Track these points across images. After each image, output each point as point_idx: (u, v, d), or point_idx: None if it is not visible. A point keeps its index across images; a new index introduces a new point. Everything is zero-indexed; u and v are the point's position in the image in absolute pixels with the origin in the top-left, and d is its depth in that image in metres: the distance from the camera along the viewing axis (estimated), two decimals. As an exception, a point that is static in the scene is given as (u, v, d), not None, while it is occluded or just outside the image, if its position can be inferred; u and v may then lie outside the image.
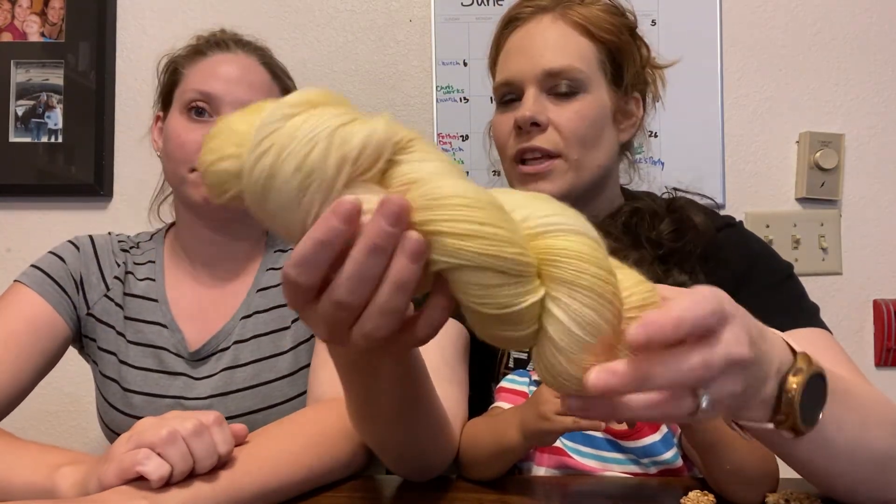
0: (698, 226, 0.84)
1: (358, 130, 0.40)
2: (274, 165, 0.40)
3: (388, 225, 0.39)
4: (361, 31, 1.37)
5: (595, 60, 0.89)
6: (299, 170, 0.39)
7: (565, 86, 0.87)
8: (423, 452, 0.72)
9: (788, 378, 0.49)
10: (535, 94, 0.88)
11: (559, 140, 0.87)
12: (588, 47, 0.89)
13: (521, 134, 0.89)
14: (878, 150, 1.36)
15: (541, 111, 0.87)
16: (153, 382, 0.94)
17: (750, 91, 1.36)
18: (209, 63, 0.97)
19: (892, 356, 1.34)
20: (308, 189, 0.40)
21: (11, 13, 1.36)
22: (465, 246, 0.40)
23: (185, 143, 0.93)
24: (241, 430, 0.67)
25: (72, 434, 1.37)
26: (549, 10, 0.90)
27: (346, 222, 0.40)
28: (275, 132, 0.40)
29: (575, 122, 0.87)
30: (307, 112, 0.41)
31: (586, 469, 0.79)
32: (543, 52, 0.88)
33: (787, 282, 0.88)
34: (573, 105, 0.88)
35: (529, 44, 0.90)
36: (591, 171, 0.90)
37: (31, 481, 0.66)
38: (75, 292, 0.96)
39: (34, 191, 1.35)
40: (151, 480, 0.58)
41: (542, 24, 0.90)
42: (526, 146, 0.88)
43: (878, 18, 1.36)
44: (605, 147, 0.91)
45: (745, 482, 0.66)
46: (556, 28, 0.89)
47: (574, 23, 0.89)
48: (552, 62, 0.87)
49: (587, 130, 0.88)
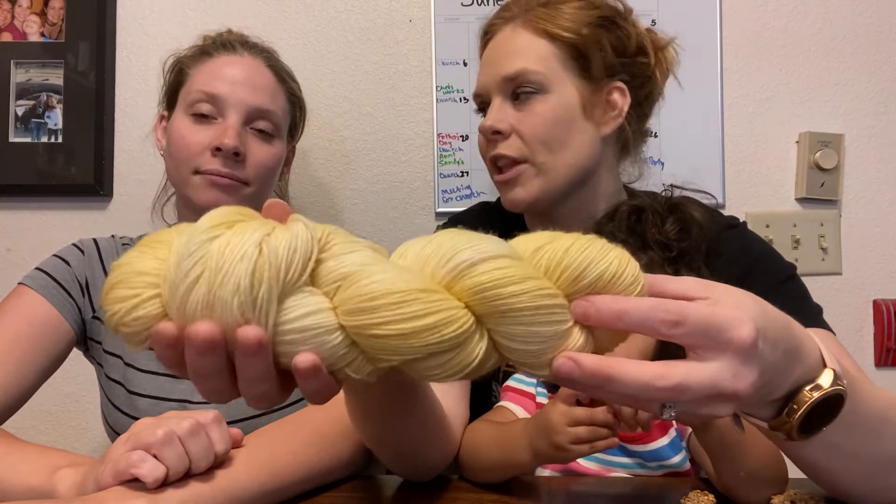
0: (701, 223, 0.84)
1: (283, 238, 0.40)
2: (210, 292, 0.38)
3: (247, 357, 0.40)
4: (361, 31, 1.37)
5: (555, 58, 0.89)
6: (238, 293, 0.38)
7: (523, 90, 0.89)
8: (421, 451, 0.72)
9: (803, 391, 0.48)
10: (499, 102, 0.91)
11: (522, 146, 0.89)
12: (545, 47, 0.89)
13: (489, 143, 0.92)
14: (878, 150, 1.36)
15: (501, 119, 0.89)
16: (158, 385, 0.94)
17: (750, 91, 1.36)
18: (214, 64, 0.97)
19: (892, 356, 1.34)
20: (249, 310, 0.39)
21: (11, 13, 1.36)
22: (408, 344, 0.41)
23: (189, 144, 0.93)
24: (238, 435, 0.67)
25: (72, 434, 1.37)
26: (513, 19, 0.92)
27: (254, 355, 0.40)
28: (201, 259, 0.39)
29: (536, 126, 0.88)
30: (227, 231, 0.40)
31: (592, 472, 0.79)
32: (502, 60, 0.90)
33: (790, 283, 0.88)
34: (534, 108, 0.89)
35: (494, 54, 0.93)
36: (564, 172, 0.89)
37: (30, 483, 0.66)
38: (80, 295, 0.95)
39: (34, 191, 1.35)
40: (147, 483, 0.58)
41: (505, 34, 0.92)
42: (494, 153, 0.91)
43: (878, 18, 1.36)
44: (577, 145, 0.90)
45: (756, 486, 0.66)
46: (515, 35, 0.91)
47: (532, 26, 0.90)
48: (507, 68, 0.89)
49: (550, 132, 0.88)
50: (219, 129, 0.93)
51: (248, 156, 0.94)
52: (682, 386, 0.42)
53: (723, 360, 0.42)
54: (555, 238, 0.45)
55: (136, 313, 0.40)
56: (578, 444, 0.65)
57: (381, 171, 1.37)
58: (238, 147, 0.92)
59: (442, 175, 1.35)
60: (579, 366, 0.42)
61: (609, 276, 0.43)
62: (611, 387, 0.42)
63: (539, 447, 0.68)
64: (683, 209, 0.83)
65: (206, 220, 0.41)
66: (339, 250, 0.42)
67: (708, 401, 0.43)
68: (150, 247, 0.42)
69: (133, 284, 0.40)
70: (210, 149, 0.92)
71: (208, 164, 0.92)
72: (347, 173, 1.37)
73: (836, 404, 0.50)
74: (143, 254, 0.42)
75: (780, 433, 0.49)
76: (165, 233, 0.43)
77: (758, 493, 0.66)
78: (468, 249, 0.42)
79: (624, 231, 0.78)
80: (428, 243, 0.44)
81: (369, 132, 1.37)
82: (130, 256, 0.42)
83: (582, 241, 0.44)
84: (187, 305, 0.39)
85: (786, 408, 0.48)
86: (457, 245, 0.43)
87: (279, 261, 0.39)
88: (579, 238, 0.45)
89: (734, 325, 0.42)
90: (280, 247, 0.39)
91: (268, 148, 0.97)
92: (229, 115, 0.93)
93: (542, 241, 0.45)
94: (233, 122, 0.93)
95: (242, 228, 0.40)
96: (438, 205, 1.35)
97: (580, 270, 0.43)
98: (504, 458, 0.73)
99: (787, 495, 0.66)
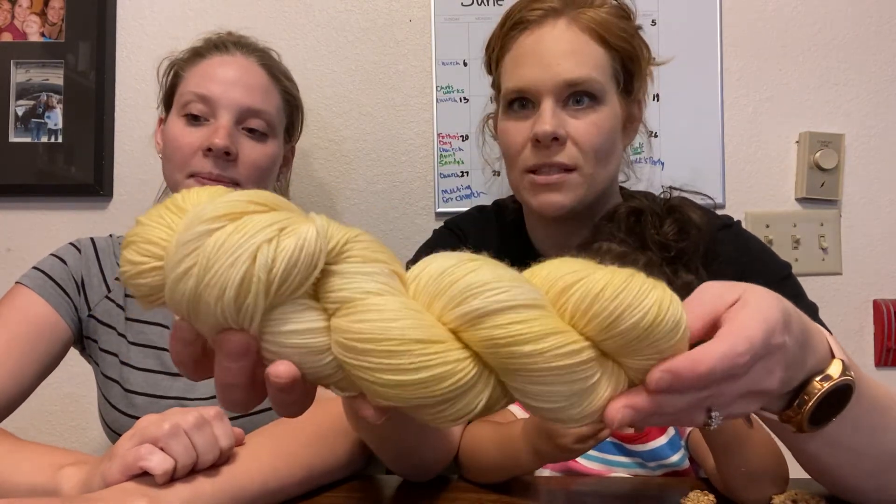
0: (699, 224, 0.84)
1: (285, 246, 0.37)
2: (196, 291, 0.37)
3: (230, 362, 0.39)
4: (361, 31, 1.37)
5: (609, 69, 0.87)
6: (221, 299, 0.36)
7: (584, 97, 0.85)
8: (421, 451, 0.72)
9: (813, 382, 0.48)
10: (551, 106, 0.85)
11: (577, 154, 0.85)
12: (603, 56, 0.87)
13: (538, 147, 0.86)
14: (878, 150, 1.36)
15: (560, 125, 0.84)
16: (155, 383, 0.94)
17: (750, 91, 1.36)
18: (207, 65, 0.97)
19: (892, 356, 1.34)
20: (232, 317, 0.37)
21: (11, 13, 1.36)
22: (396, 394, 0.38)
23: (182, 146, 0.93)
24: (239, 434, 0.67)
25: (71, 433, 1.37)
26: (561, 14, 0.87)
27: (237, 359, 0.39)
28: (195, 251, 0.37)
29: (593, 136, 0.85)
30: (230, 225, 0.37)
31: (592, 472, 0.79)
32: (561, 61, 0.84)
33: (785, 281, 0.88)
34: (590, 117, 0.85)
35: (544, 50, 0.86)
36: (602, 185, 0.89)
37: (34, 482, 0.66)
38: (76, 294, 0.96)
39: (34, 191, 1.35)
40: (156, 475, 0.58)
41: (557, 30, 0.86)
42: (545, 162, 0.85)
43: (878, 18, 1.36)
44: (615, 158, 0.90)
45: (757, 484, 0.66)
46: (571, 34, 0.86)
47: (588, 28, 0.86)
48: (571, 73, 0.84)
49: (603, 144, 0.86)
50: (210, 130, 0.93)
51: (240, 156, 0.94)
52: (720, 391, 0.42)
53: (761, 362, 0.43)
54: (585, 275, 0.40)
55: (140, 280, 0.39)
56: (583, 443, 0.65)
57: (381, 171, 1.37)
58: (229, 147, 0.92)
59: (442, 175, 1.35)
60: (637, 411, 0.40)
61: (646, 325, 0.38)
62: (662, 411, 0.41)
63: (542, 449, 0.68)
64: (682, 211, 0.83)
65: (212, 207, 0.38)
66: (350, 267, 0.39)
67: (742, 400, 0.43)
68: (169, 210, 0.40)
69: (141, 251, 0.39)
70: (202, 150, 0.92)
71: (200, 166, 0.92)
72: (347, 173, 1.37)
73: (845, 395, 0.50)
74: (160, 218, 0.40)
75: (790, 425, 0.49)
76: (189, 196, 0.41)
77: (758, 492, 0.66)
78: (482, 295, 0.38)
79: (623, 232, 0.78)
80: (443, 273, 0.40)
81: (369, 132, 1.37)
82: (150, 216, 0.41)
83: (616, 284, 0.39)
84: (175, 294, 0.38)
85: (796, 400, 0.48)
86: (471, 286, 0.38)
87: (273, 275, 0.36)
88: (614, 277, 0.39)
89: (775, 329, 0.43)
90: (279, 258, 0.36)
91: (261, 148, 0.97)
92: (221, 115, 0.93)
93: (570, 278, 0.40)
94: (224, 122, 0.93)
95: (245, 225, 0.37)
96: (438, 205, 1.35)
97: (612, 319, 0.38)
98: (505, 459, 0.73)
99: (788, 495, 0.66)
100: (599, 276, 0.40)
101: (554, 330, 0.38)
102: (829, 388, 0.48)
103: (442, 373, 0.38)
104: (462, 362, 0.38)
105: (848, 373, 0.50)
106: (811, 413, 0.48)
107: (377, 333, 0.37)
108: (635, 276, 0.40)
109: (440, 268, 0.40)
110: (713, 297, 0.45)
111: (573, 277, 0.40)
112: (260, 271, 0.36)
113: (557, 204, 0.86)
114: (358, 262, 0.39)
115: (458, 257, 0.41)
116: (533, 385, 0.39)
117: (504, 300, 0.38)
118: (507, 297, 0.38)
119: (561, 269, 0.41)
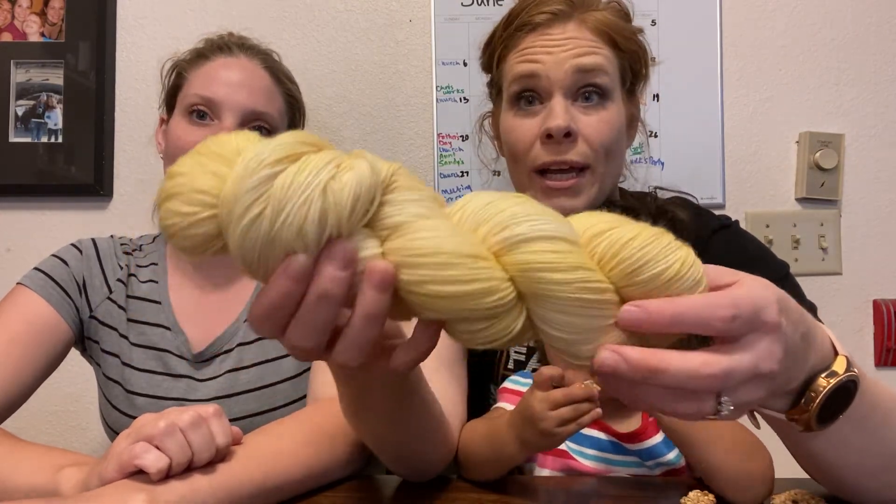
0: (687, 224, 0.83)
1: (347, 180, 0.39)
2: (271, 232, 0.38)
3: (338, 270, 0.39)
4: (361, 31, 1.37)
5: (618, 69, 0.88)
6: (301, 235, 0.38)
7: (593, 95, 0.85)
8: (419, 451, 0.72)
9: (819, 379, 0.48)
10: (562, 101, 0.84)
11: (589, 152, 0.85)
12: (612, 56, 0.87)
13: (548, 144, 0.84)
14: (878, 150, 1.36)
15: (572, 120, 0.84)
16: (156, 384, 0.94)
17: (750, 91, 1.36)
18: (211, 67, 0.97)
19: (892, 356, 1.34)
20: (311, 251, 0.39)
21: (11, 13, 1.36)
22: (446, 305, 0.40)
23: (186, 146, 0.93)
24: (237, 433, 0.67)
25: (72, 434, 1.37)
26: (570, 17, 0.87)
27: (297, 282, 0.40)
28: (264, 194, 0.38)
29: (605, 133, 0.85)
30: (292, 166, 0.39)
31: (590, 471, 0.79)
32: (574, 54, 0.84)
33: (784, 281, 0.88)
34: (600, 114, 0.85)
35: (555, 45, 0.86)
36: (611, 184, 0.89)
37: (34, 482, 0.66)
38: (78, 295, 0.96)
39: (34, 191, 1.35)
40: (150, 473, 0.58)
41: (568, 30, 0.86)
42: (557, 159, 0.84)
43: (878, 18, 1.36)
44: (621, 157, 0.91)
45: (723, 482, 0.67)
46: (581, 34, 0.86)
47: (597, 30, 0.86)
48: (584, 60, 0.84)
49: (612, 141, 0.86)
50: (214, 132, 0.93)
51: None
52: (729, 370, 0.41)
53: (759, 340, 0.42)
54: (618, 225, 0.43)
55: (194, 230, 0.40)
56: (564, 426, 0.66)
57: (381, 171, 1.36)
58: None
59: (442, 175, 1.35)
60: (625, 358, 0.40)
61: (667, 278, 0.41)
62: (658, 378, 0.40)
63: (526, 437, 0.69)
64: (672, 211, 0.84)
65: (271, 150, 0.39)
66: (399, 196, 0.41)
67: (748, 384, 0.42)
68: (209, 158, 0.41)
69: (191, 201, 0.40)
70: None
71: None
72: (347, 173, 1.36)
73: (851, 392, 0.50)
74: (202, 166, 0.40)
75: (797, 424, 0.49)
76: (226, 143, 0.41)
77: (732, 490, 0.67)
78: (526, 223, 0.41)
79: None
80: (489, 204, 0.42)
81: (369, 132, 1.37)
82: (188, 166, 0.41)
83: (645, 236, 0.42)
84: (246, 239, 0.39)
85: (802, 398, 0.48)
86: (516, 215, 0.41)
87: (342, 207, 0.38)
88: (644, 231, 0.42)
89: (767, 305, 0.42)
90: (345, 191, 0.39)
91: None
92: (225, 117, 0.94)
93: (604, 226, 0.43)
94: (228, 124, 0.93)
95: (307, 165, 0.39)
96: (438, 205, 1.35)
97: (636, 266, 0.41)
98: (494, 452, 0.73)
99: (787, 495, 0.66)
100: (631, 227, 0.42)
101: (584, 265, 0.41)
102: (836, 384, 0.48)
103: (489, 287, 0.40)
104: (505, 281, 0.41)
105: (853, 369, 0.50)
106: (819, 410, 0.48)
107: (433, 248, 0.40)
108: (665, 234, 0.42)
109: (486, 199, 0.43)
110: (713, 276, 0.44)
111: (606, 226, 0.43)
112: (333, 205, 0.38)
113: (569, 208, 0.85)
114: (406, 191, 0.42)
115: (502, 193, 0.44)
116: (556, 313, 0.41)
117: (544, 230, 0.41)
118: (547, 228, 0.41)
119: (597, 218, 0.44)
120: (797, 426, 0.49)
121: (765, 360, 0.42)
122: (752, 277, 0.44)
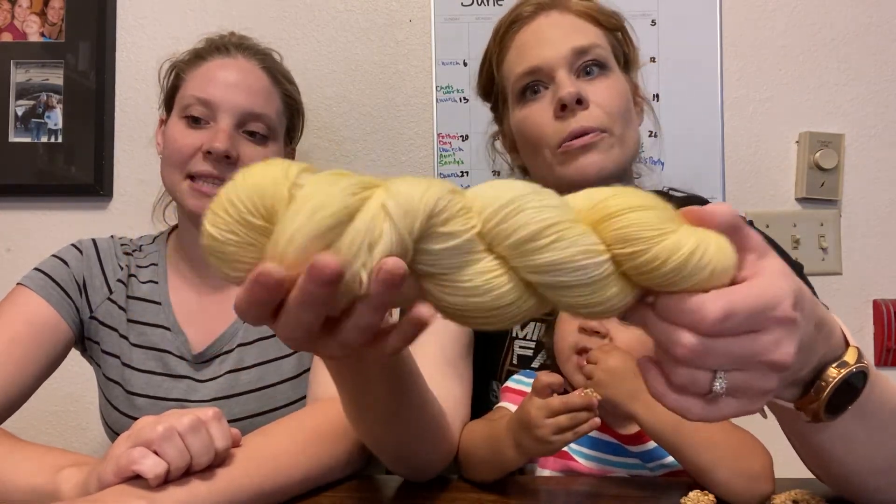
0: None
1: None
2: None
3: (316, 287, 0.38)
4: (361, 31, 1.37)
5: (608, 45, 0.92)
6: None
7: (594, 67, 0.88)
8: (419, 451, 0.72)
9: (829, 369, 0.48)
10: (567, 74, 0.87)
11: (602, 115, 0.86)
12: (600, 34, 0.91)
13: (563, 116, 0.86)
14: (878, 150, 1.36)
15: (581, 88, 0.86)
16: (156, 385, 0.94)
17: (749, 91, 1.36)
18: (208, 68, 0.97)
19: (892, 356, 1.34)
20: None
21: (11, 13, 1.36)
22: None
23: (182, 148, 0.93)
24: (236, 435, 0.67)
25: (72, 434, 1.37)
26: (553, 7, 0.91)
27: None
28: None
29: (613, 98, 0.88)
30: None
31: (591, 473, 0.79)
32: (566, 35, 0.88)
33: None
34: (604, 82, 0.89)
35: (547, 34, 0.90)
36: (632, 148, 0.91)
37: (33, 482, 0.66)
38: (78, 295, 0.96)
39: (34, 191, 1.35)
40: (148, 479, 0.58)
41: (552, 18, 0.91)
42: (574, 128, 0.85)
43: (878, 18, 1.36)
44: (636, 126, 0.93)
45: (718, 483, 0.67)
46: (567, 19, 0.91)
47: (580, 13, 0.91)
48: (578, 41, 0.88)
49: (623, 106, 0.89)
50: (210, 133, 0.93)
51: (240, 158, 0.94)
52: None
53: (768, 331, 0.41)
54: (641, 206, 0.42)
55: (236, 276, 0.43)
56: (561, 434, 0.65)
57: (381, 171, 1.36)
58: (229, 150, 0.92)
59: (442, 175, 1.35)
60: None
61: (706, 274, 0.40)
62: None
63: (523, 443, 0.68)
64: None
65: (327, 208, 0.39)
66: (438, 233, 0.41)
67: (754, 370, 0.41)
68: (252, 231, 0.41)
69: (237, 269, 0.42)
70: (201, 151, 0.92)
71: (199, 168, 0.92)
72: (347, 173, 1.36)
73: (861, 384, 0.50)
74: (236, 235, 0.42)
75: (805, 414, 0.49)
76: (277, 210, 0.41)
77: (725, 490, 0.67)
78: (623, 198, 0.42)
79: None
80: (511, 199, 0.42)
81: (369, 132, 1.37)
82: (221, 233, 0.42)
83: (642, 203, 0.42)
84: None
85: (812, 387, 0.48)
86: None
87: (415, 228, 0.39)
88: (660, 209, 0.42)
89: (780, 301, 0.41)
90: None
91: (261, 151, 0.97)
92: (221, 118, 0.93)
93: (624, 204, 0.42)
94: (224, 125, 0.93)
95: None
96: (438, 205, 1.35)
97: (632, 238, 0.41)
98: (492, 455, 0.73)
99: (787, 495, 0.66)
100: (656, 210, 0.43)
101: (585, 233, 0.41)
102: (846, 374, 0.48)
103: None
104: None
105: (863, 360, 0.49)
106: (828, 400, 0.48)
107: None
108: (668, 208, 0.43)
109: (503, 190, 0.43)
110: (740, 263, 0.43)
111: (630, 203, 0.43)
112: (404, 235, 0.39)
113: (598, 164, 0.85)
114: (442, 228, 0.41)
115: (524, 183, 0.43)
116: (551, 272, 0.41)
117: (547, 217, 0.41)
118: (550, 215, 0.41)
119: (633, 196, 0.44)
120: (805, 416, 0.49)
121: (773, 349, 0.41)
122: (775, 262, 0.43)
